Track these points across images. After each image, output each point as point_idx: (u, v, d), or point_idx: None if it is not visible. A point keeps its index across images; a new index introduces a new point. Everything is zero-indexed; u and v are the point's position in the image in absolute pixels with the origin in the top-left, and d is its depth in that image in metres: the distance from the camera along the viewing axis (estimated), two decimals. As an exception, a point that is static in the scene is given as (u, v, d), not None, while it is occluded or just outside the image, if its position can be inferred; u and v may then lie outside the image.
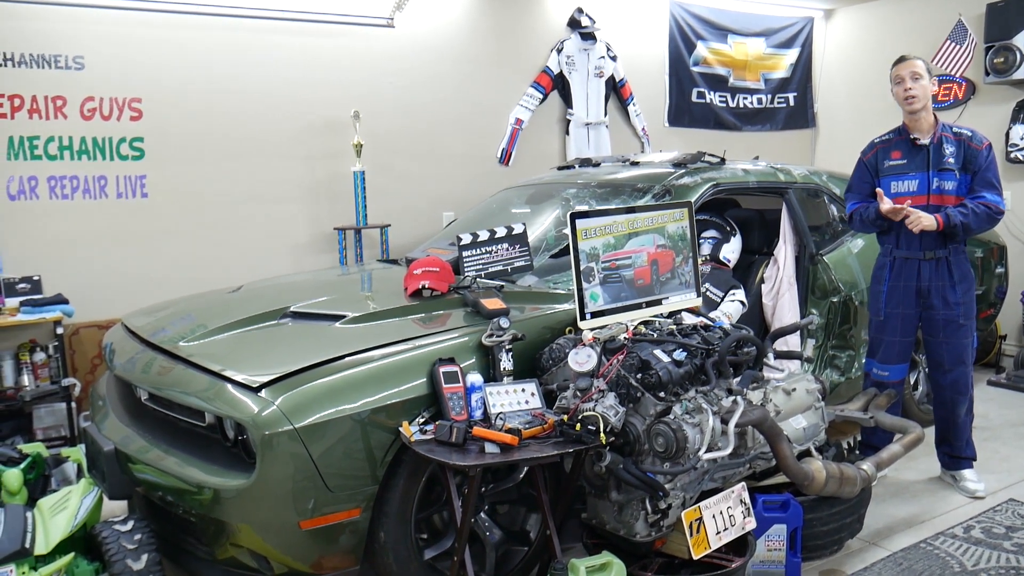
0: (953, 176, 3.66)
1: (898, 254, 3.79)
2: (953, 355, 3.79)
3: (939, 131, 3.71)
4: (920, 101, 3.67)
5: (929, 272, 3.73)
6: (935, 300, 3.74)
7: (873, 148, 3.87)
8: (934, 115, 3.75)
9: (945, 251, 3.71)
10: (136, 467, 2.88)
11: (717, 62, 6.94)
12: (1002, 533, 3.43)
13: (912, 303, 3.79)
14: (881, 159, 3.81)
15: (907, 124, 3.77)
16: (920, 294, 3.77)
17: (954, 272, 3.72)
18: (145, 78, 4.70)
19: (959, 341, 3.77)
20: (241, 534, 2.60)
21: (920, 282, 3.75)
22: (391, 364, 2.77)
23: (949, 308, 3.74)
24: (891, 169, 3.77)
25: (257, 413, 2.53)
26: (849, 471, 3.15)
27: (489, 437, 2.52)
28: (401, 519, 2.70)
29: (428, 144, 5.64)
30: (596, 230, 3.04)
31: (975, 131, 3.75)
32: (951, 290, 3.73)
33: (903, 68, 3.70)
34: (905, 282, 3.78)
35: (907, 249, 3.75)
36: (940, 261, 3.72)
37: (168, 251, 4.82)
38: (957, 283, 3.73)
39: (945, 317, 3.75)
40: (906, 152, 3.75)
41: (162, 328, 3.33)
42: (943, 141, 3.69)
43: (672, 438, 2.60)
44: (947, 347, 3.78)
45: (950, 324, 3.75)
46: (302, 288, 3.83)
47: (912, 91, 3.65)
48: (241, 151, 5.01)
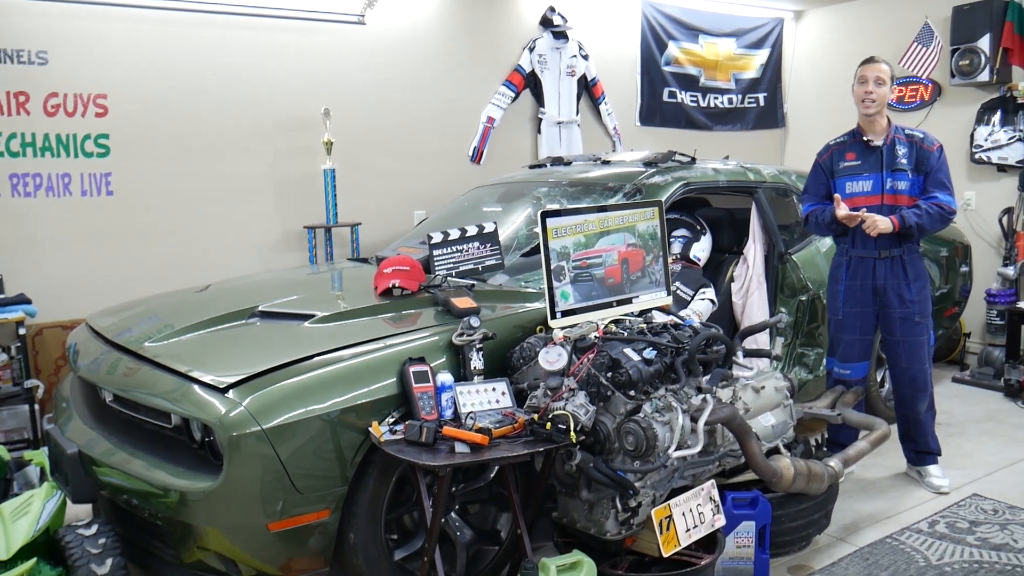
0: (906, 176, 3.74)
1: (854, 253, 3.86)
2: (910, 353, 3.85)
3: (892, 133, 3.80)
4: (877, 106, 3.74)
5: (884, 271, 3.81)
6: (891, 298, 3.82)
7: (828, 150, 3.94)
8: (887, 118, 3.84)
9: (900, 250, 3.78)
10: (101, 470, 2.83)
11: (688, 62, 6.98)
12: (966, 528, 3.48)
13: (869, 301, 3.86)
14: (836, 161, 3.88)
15: (861, 126, 3.85)
16: (876, 292, 3.84)
17: (908, 271, 3.80)
18: (110, 74, 4.63)
19: (916, 339, 3.84)
20: (208, 537, 2.57)
21: (876, 281, 3.82)
22: (361, 364, 2.75)
23: (905, 306, 3.81)
24: (846, 170, 3.84)
25: (224, 414, 2.50)
26: (817, 468, 3.17)
27: (459, 437, 2.51)
28: (371, 520, 2.69)
29: (399, 142, 5.62)
30: (567, 229, 3.03)
31: (927, 133, 3.85)
32: (906, 288, 3.80)
33: (869, 70, 3.77)
34: (862, 281, 3.85)
35: (863, 248, 3.83)
36: (895, 260, 3.80)
37: (134, 250, 4.76)
38: (912, 281, 3.80)
39: (901, 315, 3.82)
40: (860, 153, 3.82)
41: (127, 328, 3.28)
42: (896, 143, 3.77)
43: (642, 436, 2.60)
44: (904, 345, 3.85)
45: (906, 322, 3.82)
46: (271, 287, 3.79)
47: (872, 95, 3.73)
48: (210, 148, 4.95)
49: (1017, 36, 5.87)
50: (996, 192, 6.10)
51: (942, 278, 5.14)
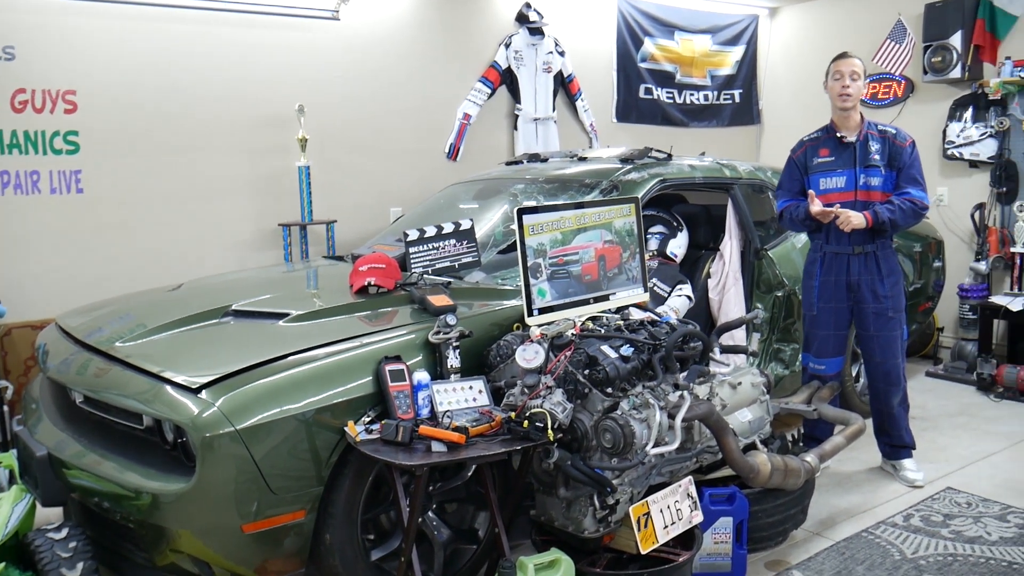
0: (879, 172, 3.77)
1: (828, 249, 3.88)
2: (883, 348, 3.88)
3: (865, 128, 3.82)
4: (853, 100, 3.77)
5: (858, 267, 3.83)
6: (865, 294, 3.84)
7: (802, 146, 3.95)
8: (861, 113, 3.85)
9: (873, 246, 3.81)
10: (71, 472, 2.79)
11: (664, 58, 6.99)
12: (940, 521, 3.51)
13: (843, 297, 3.88)
14: (810, 157, 3.90)
15: (835, 122, 3.87)
16: (850, 288, 3.86)
17: (882, 266, 3.83)
18: (80, 70, 4.55)
19: (889, 334, 3.87)
20: (181, 539, 2.53)
21: (850, 276, 3.85)
22: (336, 363, 2.72)
23: (878, 301, 3.84)
24: (820, 166, 3.86)
25: (197, 415, 2.46)
26: (793, 463, 3.19)
27: (436, 436, 2.49)
28: (347, 520, 2.66)
29: (375, 139, 5.58)
30: (543, 226, 3.02)
31: (899, 129, 3.88)
32: (880, 283, 3.83)
33: (844, 65, 3.79)
34: (836, 277, 3.87)
35: (836, 245, 3.85)
36: (868, 256, 3.82)
37: (105, 248, 4.68)
38: (885, 277, 3.83)
39: (875, 310, 3.84)
40: (834, 149, 3.85)
41: (98, 328, 3.23)
42: (868, 139, 3.80)
43: (620, 434, 2.60)
44: (878, 340, 3.88)
45: (880, 317, 3.85)
46: (245, 286, 3.74)
47: (848, 89, 3.75)
48: (182, 145, 4.89)
49: (988, 33, 5.93)
50: (968, 188, 6.16)
51: (915, 273, 5.18)
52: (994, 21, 5.92)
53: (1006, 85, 5.79)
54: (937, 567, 3.13)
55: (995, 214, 6.01)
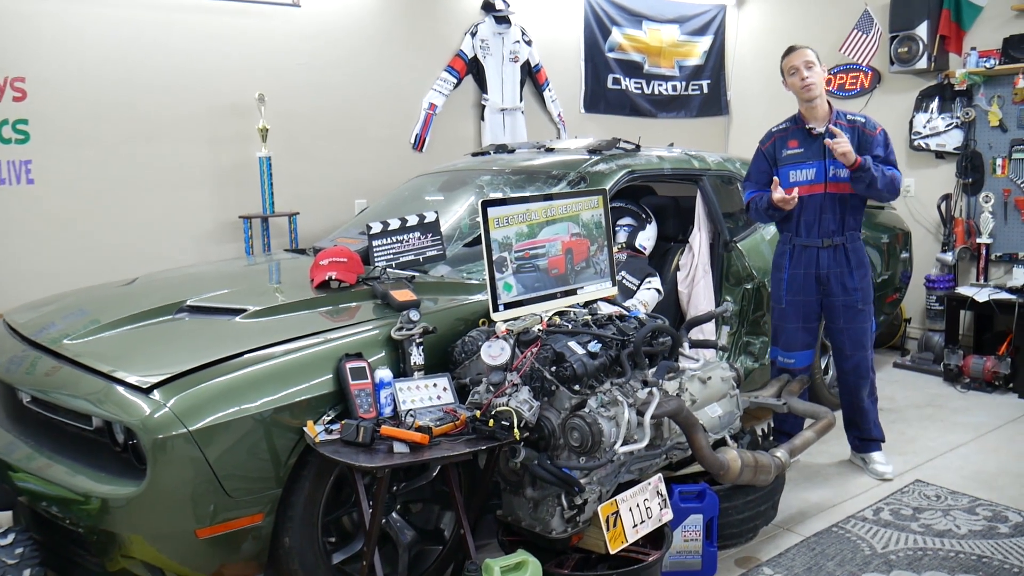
0: None
1: (797, 242, 3.84)
2: (853, 340, 3.86)
3: (834, 118, 3.76)
4: (816, 88, 3.71)
5: (828, 259, 3.79)
6: (834, 286, 3.81)
7: (771, 138, 3.91)
8: (828, 103, 3.80)
9: (842, 238, 3.79)
10: (18, 475, 2.68)
11: (632, 48, 6.93)
12: (909, 515, 3.49)
13: (812, 290, 3.85)
14: (779, 148, 3.85)
15: (803, 113, 3.81)
16: (819, 281, 3.83)
17: (851, 258, 3.80)
18: (29, 55, 4.38)
19: (859, 326, 3.85)
20: (133, 545, 2.43)
21: (819, 269, 3.81)
22: (295, 360, 2.64)
23: (847, 294, 3.81)
24: (789, 158, 3.81)
25: (147, 416, 2.36)
26: (764, 459, 3.15)
27: (398, 436, 2.41)
28: (307, 523, 2.58)
29: (338, 129, 5.46)
30: (509, 218, 2.95)
31: (868, 117, 3.83)
32: (849, 276, 3.80)
33: (796, 58, 3.74)
34: (805, 269, 3.84)
35: (806, 237, 3.82)
36: (837, 248, 3.79)
37: (57, 241, 4.52)
38: (854, 269, 3.80)
39: (844, 303, 3.82)
40: (802, 141, 3.79)
41: (47, 325, 3.11)
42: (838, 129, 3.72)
43: (587, 432, 2.54)
44: (847, 333, 3.85)
45: (849, 310, 3.83)
46: (202, 280, 3.63)
47: (808, 79, 3.69)
48: (138, 135, 4.73)
49: (954, 24, 5.94)
50: (934, 179, 6.18)
51: (883, 264, 5.18)
52: (960, 12, 5.92)
53: (971, 76, 5.81)
54: (907, 561, 3.11)
55: (961, 205, 6.04)
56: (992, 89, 5.83)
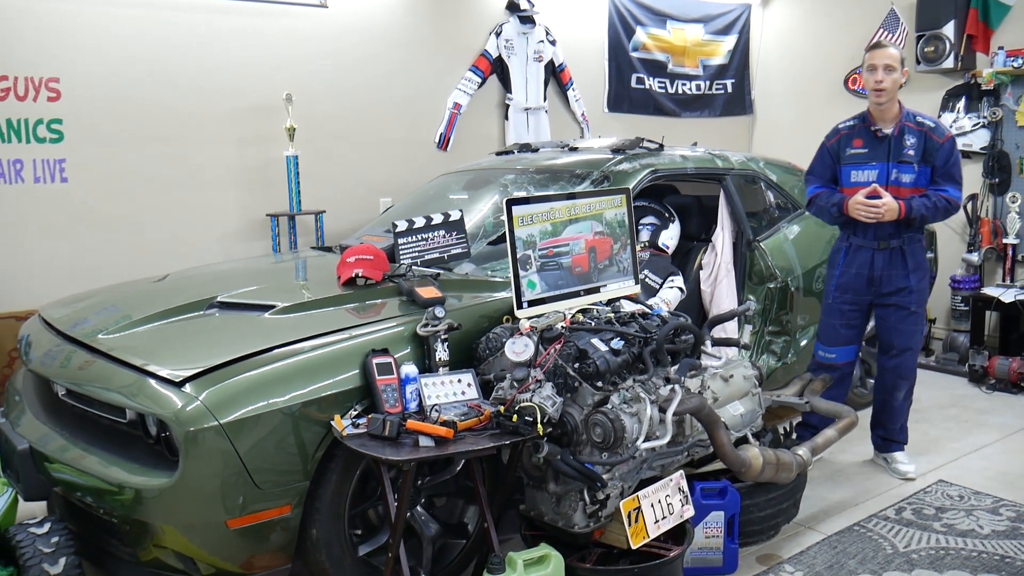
0: (912, 169, 3.65)
1: (854, 241, 3.80)
2: (902, 340, 3.83)
3: (902, 121, 3.67)
4: (888, 94, 3.61)
5: (883, 262, 3.74)
6: (886, 288, 3.76)
7: (837, 134, 3.83)
8: (899, 104, 3.70)
9: (899, 240, 3.71)
10: (53, 466, 2.74)
11: (656, 48, 6.94)
12: (932, 514, 3.49)
13: (863, 290, 3.81)
14: (843, 146, 3.78)
15: (871, 112, 3.73)
16: (872, 282, 3.78)
17: (909, 261, 3.73)
18: (63, 57, 4.48)
19: (909, 328, 3.81)
20: (165, 535, 2.49)
21: (873, 271, 3.76)
22: (322, 356, 2.68)
23: (902, 296, 3.75)
24: (852, 158, 3.74)
25: (180, 409, 2.42)
26: (785, 457, 3.16)
27: (423, 430, 2.45)
28: (334, 515, 2.63)
29: (364, 128, 5.52)
30: (533, 217, 2.98)
31: (939, 123, 3.72)
32: (904, 278, 3.74)
33: (877, 57, 3.62)
34: (857, 269, 3.79)
35: (862, 238, 3.76)
36: (894, 251, 3.72)
37: (90, 238, 4.62)
38: (911, 272, 3.74)
39: (897, 304, 3.77)
40: (868, 141, 3.72)
41: (81, 320, 3.18)
42: (904, 132, 3.65)
43: (610, 428, 2.57)
44: (897, 331, 3.82)
45: (901, 311, 3.78)
46: (231, 277, 3.69)
47: (883, 83, 3.59)
48: (168, 134, 4.82)
49: (981, 23, 5.90)
50: (961, 179, 6.13)
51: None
52: (987, 11, 5.88)
53: (999, 75, 5.77)
54: (929, 560, 3.11)
55: (987, 205, 6.00)
56: (1020, 89, 5.78)
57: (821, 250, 4.57)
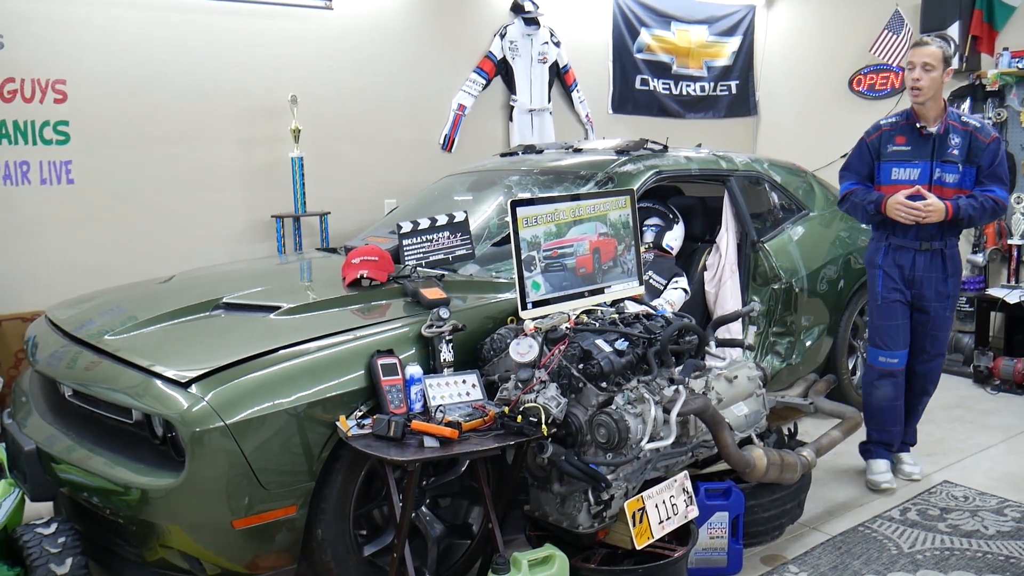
0: (956, 169, 3.55)
1: (894, 241, 3.68)
2: (935, 345, 3.76)
3: (947, 120, 3.56)
4: (926, 93, 3.50)
5: (924, 263, 3.64)
6: (926, 291, 3.66)
7: (878, 130, 3.70)
8: (944, 102, 3.60)
9: (941, 243, 3.61)
10: (60, 467, 2.76)
11: (660, 49, 6.94)
12: (936, 515, 3.49)
13: (904, 288, 3.70)
14: (885, 143, 3.65)
15: (915, 110, 3.60)
16: (912, 284, 3.68)
17: (948, 265, 3.65)
18: (70, 59, 4.50)
19: (943, 333, 3.75)
20: (171, 535, 2.50)
21: (914, 272, 3.65)
22: (328, 356, 2.69)
23: (939, 300, 3.67)
24: (894, 155, 3.62)
25: (186, 409, 2.43)
26: (790, 458, 3.17)
27: (428, 431, 2.46)
28: (339, 515, 2.64)
29: (369, 129, 5.53)
30: (537, 218, 2.99)
31: (984, 123, 3.64)
32: (943, 283, 3.65)
33: (917, 55, 3.52)
34: (900, 269, 3.68)
35: (903, 238, 3.65)
36: (935, 253, 3.63)
37: (96, 240, 4.64)
38: (950, 276, 3.66)
39: (935, 309, 3.68)
40: (911, 139, 3.60)
41: (88, 321, 3.19)
42: (949, 131, 3.55)
43: (614, 429, 2.57)
44: (931, 337, 3.74)
45: (938, 316, 3.70)
46: (236, 278, 3.71)
47: (920, 82, 3.48)
48: (174, 136, 4.84)
49: (986, 24, 5.90)
50: (965, 180, 6.12)
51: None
52: (992, 12, 5.88)
53: (1004, 76, 5.77)
54: (934, 561, 3.11)
55: (992, 206, 5.98)
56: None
57: (825, 251, 4.58)
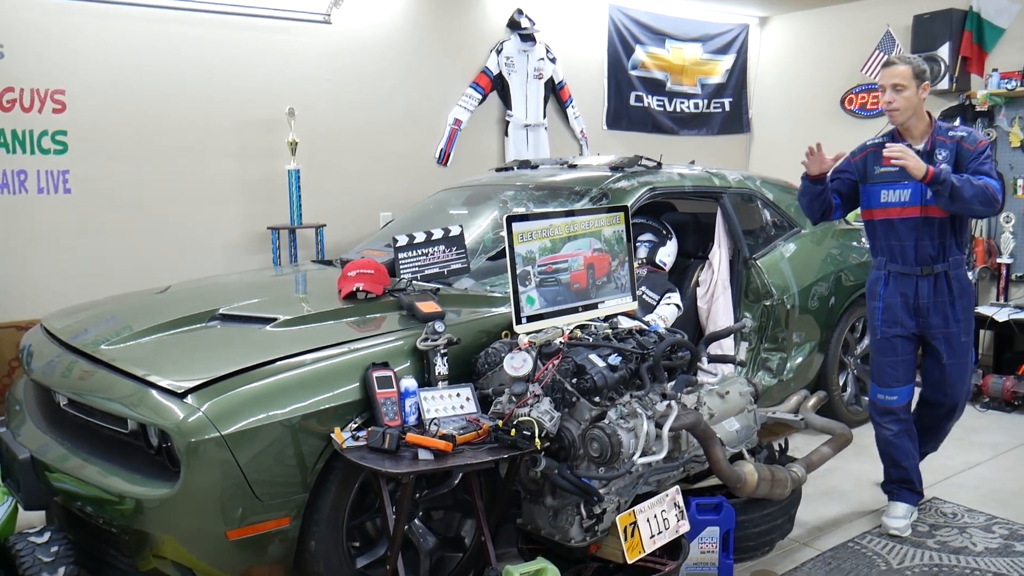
0: None
1: (893, 268, 3.49)
2: (957, 376, 3.54)
3: (933, 135, 3.39)
4: (904, 113, 3.35)
5: (928, 289, 3.44)
6: (934, 319, 3.46)
7: (863, 151, 3.53)
8: (929, 116, 3.43)
9: (944, 265, 3.42)
10: (54, 476, 2.77)
11: (655, 66, 7.01)
12: (925, 531, 3.52)
13: (910, 320, 3.49)
14: (871, 165, 3.48)
15: (899, 130, 3.45)
16: (918, 312, 3.48)
17: (954, 287, 3.44)
18: (69, 69, 4.52)
19: (960, 360, 3.53)
20: (165, 545, 2.51)
21: (918, 299, 3.46)
22: (323, 368, 2.72)
23: (949, 326, 3.46)
24: (882, 177, 3.44)
25: (182, 420, 2.45)
26: (780, 473, 3.19)
27: (422, 443, 2.48)
28: (332, 527, 2.65)
29: (365, 143, 5.57)
30: (532, 233, 3.02)
31: (971, 131, 3.45)
32: (950, 307, 3.45)
33: (885, 76, 3.37)
34: (902, 298, 3.48)
35: (902, 264, 3.46)
36: (939, 276, 3.43)
37: (93, 249, 4.65)
38: (957, 298, 3.45)
39: (946, 335, 3.47)
40: None
41: (83, 330, 3.21)
42: (936, 146, 3.38)
43: (607, 443, 2.59)
44: (950, 368, 3.52)
45: (951, 343, 3.48)
46: (232, 289, 3.73)
47: (893, 104, 3.34)
48: (171, 147, 4.86)
49: (975, 45, 5.99)
50: (955, 199, 6.18)
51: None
52: (981, 33, 5.97)
53: (993, 97, 5.85)
54: (922, 578, 3.14)
55: (981, 225, 6.05)
56: (1013, 110, 5.86)
57: (817, 268, 4.62)
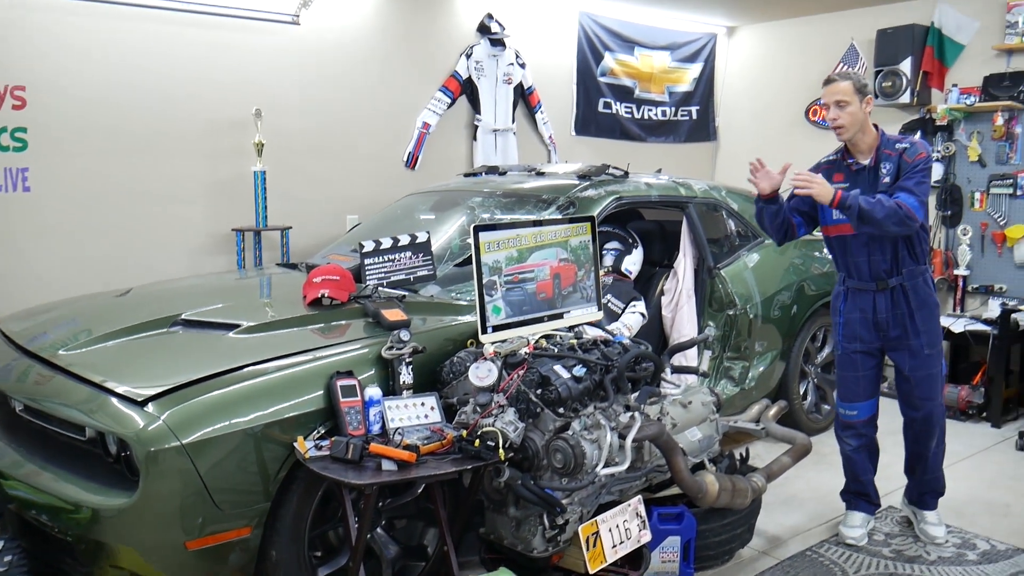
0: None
1: (851, 284, 3.51)
2: (923, 389, 3.50)
3: (880, 148, 3.38)
4: (849, 130, 3.33)
5: (885, 303, 3.43)
6: (893, 332, 3.45)
7: (818, 169, 3.53)
8: (876, 129, 3.41)
9: (898, 278, 3.40)
10: (7, 483, 2.72)
11: (624, 73, 7.05)
12: (881, 540, 3.58)
13: (871, 335, 3.50)
14: None
15: (846, 146, 3.45)
16: (878, 327, 3.47)
17: (911, 300, 3.41)
18: (29, 65, 4.43)
19: (927, 372, 3.48)
20: (122, 555, 2.48)
21: (876, 314, 3.45)
22: (286, 376, 2.70)
23: (910, 338, 3.44)
24: None
25: (141, 428, 2.42)
26: (741, 483, 3.23)
27: (386, 454, 2.47)
28: (294, 537, 2.63)
29: (333, 145, 5.53)
30: (500, 243, 3.03)
31: (915, 143, 3.39)
32: (909, 319, 3.42)
33: (827, 94, 3.35)
34: (861, 313, 3.49)
35: (858, 280, 3.47)
36: (895, 290, 3.41)
37: (52, 250, 4.56)
38: (916, 311, 3.41)
39: (908, 348, 3.46)
40: (847, 175, 3.44)
41: (41, 333, 3.15)
42: (881, 159, 3.37)
43: (570, 454, 2.61)
44: (915, 381, 3.50)
45: (915, 356, 3.46)
46: (195, 293, 3.69)
47: (838, 120, 3.33)
48: (135, 146, 4.79)
49: (936, 61, 6.10)
50: (915, 211, 6.30)
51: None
52: (942, 49, 6.09)
53: (952, 111, 5.96)
54: (877, 587, 3.20)
55: (940, 237, 6.17)
56: (972, 125, 5.98)
57: (779, 278, 4.68)
